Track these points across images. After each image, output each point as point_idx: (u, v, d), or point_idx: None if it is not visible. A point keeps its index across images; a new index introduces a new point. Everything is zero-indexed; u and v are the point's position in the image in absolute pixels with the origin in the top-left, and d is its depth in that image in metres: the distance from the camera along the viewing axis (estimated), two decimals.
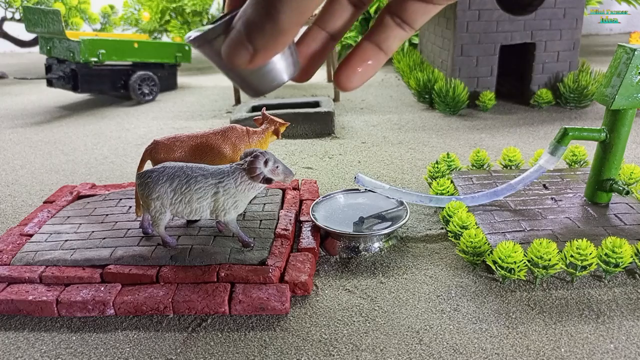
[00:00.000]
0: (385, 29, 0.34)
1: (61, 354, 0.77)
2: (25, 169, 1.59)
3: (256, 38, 0.28)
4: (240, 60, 0.29)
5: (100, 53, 2.31)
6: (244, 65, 0.29)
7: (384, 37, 0.34)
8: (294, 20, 0.28)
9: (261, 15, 0.28)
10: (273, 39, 0.28)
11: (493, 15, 2.00)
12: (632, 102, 0.98)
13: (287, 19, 0.27)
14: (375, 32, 0.34)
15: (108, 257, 0.92)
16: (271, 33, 0.28)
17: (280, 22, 0.28)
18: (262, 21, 0.28)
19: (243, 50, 0.29)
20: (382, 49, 0.34)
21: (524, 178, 1.07)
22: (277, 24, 0.28)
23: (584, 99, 2.00)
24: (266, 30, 0.28)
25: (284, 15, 0.27)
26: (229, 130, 1.04)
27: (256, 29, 0.28)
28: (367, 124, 1.96)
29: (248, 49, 0.29)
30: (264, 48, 0.29)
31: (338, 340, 0.77)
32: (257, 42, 0.28)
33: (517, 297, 0.85)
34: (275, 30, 0.28)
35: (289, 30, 0.28)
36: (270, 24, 0.28)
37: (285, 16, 0.27)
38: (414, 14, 0.33)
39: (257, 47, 0.28)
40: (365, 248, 1.00)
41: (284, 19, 0.27)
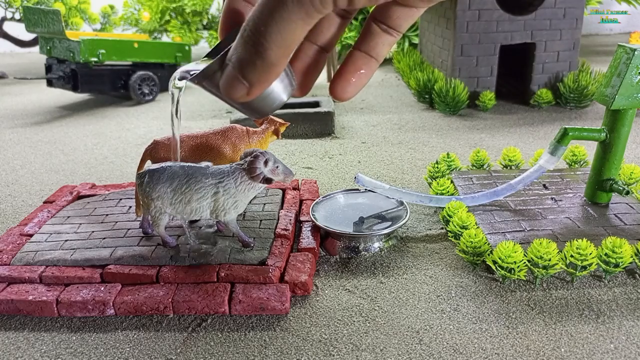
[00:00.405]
0: (373, 37, 0.35)
1: (61, 354, 0.77)
2: (25, 169, 1.59)
3: (249, 74, 0.30)
4: (238, 94, 0.31)
5: (100, 53, 2.31)
6: (243, 98, 0.32)
7: (372, 45, 0.35)
8: (281, 54, 0.30)
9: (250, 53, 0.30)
10: (265, 73, 0.30)
11: (493, 15, 2.00)
12: (632, 102, 0.98)
13: (274, 54, 0.30)
14: (363, 40, 0.36)
15: (108, 257, 0.92)
16: (262, 68, 0.30)
17: (269, 58, 0.30)
18: (252, 58, 0.30)
19: (239, 86, 0.31)
20: (372, 56, 0.35)
21: (524, 178, 1.07)
22: (266, 60, 0.30)
23: (584, 99, 2.00)
24: (257, 66, 0.30)
25: (271, 51, 0.29)
26: (229, 130, 1.04)
27: (248, 66, 0.30)
28: (367, 124, 1.96)
29: (244, 84, 0.31)
30: (258, 82, 0.31)
31: (338, 340, 0.77)
32: (251, 78, 0.31)
33: (517, 297, 0.85)
34: (265, 65, 0.30)
35: (278, 64, 0.30)
36: (260, 60, 0.30)
37: (272, 52, 0.30)
38: (399, 19, 0.34)
39: (252, 82, 0.31)
40: (365, 248, 1.00)
41: (272, 54, 0.30)
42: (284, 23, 0.29)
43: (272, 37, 0.29)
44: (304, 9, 0.29)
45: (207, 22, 3.79)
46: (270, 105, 0.35)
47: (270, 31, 0.29)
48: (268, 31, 0.29)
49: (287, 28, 0.29)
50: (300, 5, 0.29)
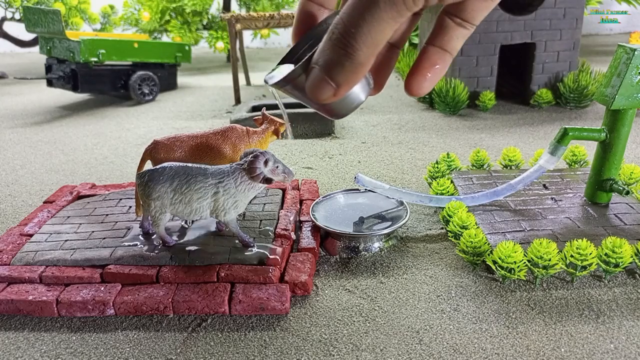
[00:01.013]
0: (448, 31, 0.35)
1: (61, 354, 0.77)
2: (25, 169, 1.59)
3: (337, 75, 0.31)
4: (325, 95, 0.32)
5: (100, 53, 2.31)
6: (329, 99, 0.32)
7: (447, 39, 0.35)
8: (370, 54, 0.30)
9: (339, 54, 0.30)
10: (353, 73, 0.31)
11: (493, 15, 2.00)
12: (632, 102, 0.98)
13: (363, 54, 0.30)
14: (437, 35, 0.35)
15: (108, 257, 0.92)
16: (350, 68, 0.31)
17: (358, 58, 0.30)
18: (340, 60, 0.30)
19: (327, 87, 0.32)
20: (447, 50, 0.35)
21: (524, 178, 1.07)
22: (355, 60, 0.30)
23: (584, 99, 2.00)
24: (345, 67, 0.31)
25: (360, 51, 0.30)
26: (229, 130, 1.04)
27: (336, 67, 0.31)
28: (367, 124, 1.96)
29: (331, 85, 0.31)
30: (345, 82, 0.31)
31: (338, 340, 0.77)
32: (339, 79, 0.31)
33: (517, 297, 0.85)
34: (353, 65, 0.31)
35: (366, 64, 0.31)
36: (349, 61, 0.30)
37: (362, 52, 0.30)
38: (474, 11, 0.34)
39: (340, 83, 0.31)
40: (365, 248, 1.00)
41: (361, 55, 0.30)
42: (375, 23, 0.29)
43: (363, 38, 0.29)
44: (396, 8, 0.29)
45: (207, 22, 3.78)
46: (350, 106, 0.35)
47: (361, 32, 0.29)
48: (359, 32, 0.29)
49: (378, 28, 0.29)
50: (393, 4, 0.29)
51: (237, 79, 2.37)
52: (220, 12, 3.83)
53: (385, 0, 0.29)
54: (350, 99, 0.34)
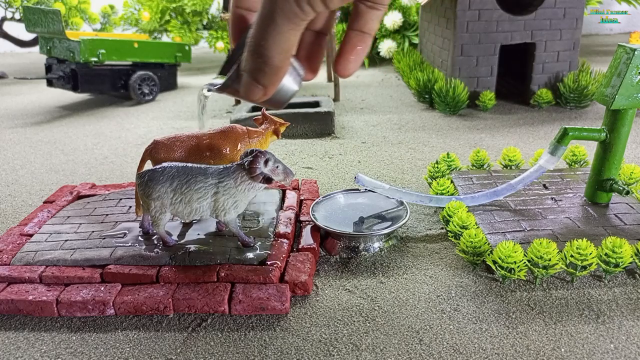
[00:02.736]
0: (363, 14, 0.40)
1: (61, 354, 0.77)
2: (25, 169, 1.59)
3: (262, 79, 0.37)
4: (256, 97, 0.38)
5: (100, 53, 2.31)
6: (262, 99, 0.38)
7: (363, 22, 0.40)
8: (283, 58, 0.36)
9: (258, 62, 0.36)
10: (274, 75, 0.37)
11: (493, 15, 2.00)
12: (632, 102, 0.98)
13: (277, 59, 0.36)
14: (355, 20, 0.40)
15: (108, 257, 0.92)
16: (270, 72, 0.36)
17: (274, 63, 0.36)
18: (260, 67, 0.36)
19: (256, 89, 0.37)
20: (365, 32, 0.40)
21: (524, 178, 1.07)
22: (272, 66, 0.36)
23: (584, 99, 2.00)
24: (266, 72, 0.36)
25: (274, 58, 0.36)
26: (229, 130, 1.04)
27: (259, 73, 0.36)
28: (367, 124, 1.96)
29: (259, 88, 0.37)
30: (270, 83, 0.37)
31: (338, 340, 0.77)
32: (264, 81, 0.37)
33: (517, 297, 0.85)
34: (272, 70, 0.36)
35: (282, 65, 0.36)
36: (268, 67, 0.36)
37: (275, 58, 0.36)
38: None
39: (265, 84, 0.37)
40: (365, 248, 1.00)
41: (275, 60, 0.36)
42: (278, 35, 0.34)
43: (272, 48, 0.35)
44: (291, 21, 0.34)
45: (207, 22, 3.78)
46: (286, 96, 0.41)
47: (269, 44, 0.35)
48: (267, 44, 0.35)
49: (281, 38, 0.35)
50: (287, 19, 0.34)
51: None
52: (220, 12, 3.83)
53: (280, 16, 0.34)
54: (284, 91, 0.40)
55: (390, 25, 3.17)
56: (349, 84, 2.74)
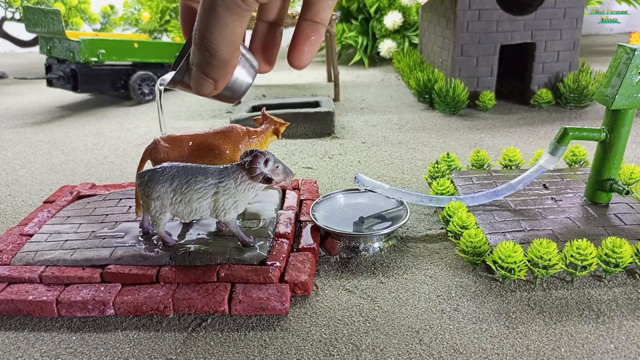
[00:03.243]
0: (314, 4, 0.39)
1: (61, 354, 0.77)
2: (25, 169, 1.59)
3: (210, 72, 0.36)
4: (207, 91, 0.37)
5: (100, 53, 2.31)
6: (213, 93, 0.37)
7: (315, 12, 0.39)
8: (231, 50, 0.35)
9: (205, 56, 0.35)
10: (223, 68, 0.35)
11: (493, 15, 2.00)
12: (632, 102, 0.98)
13: (224, 52, 0.34)
14: (306, 10, 0.39)
15: (108, 257, 0.92)
16: (218, 65, 0.35)
17: (222, 56, 0.35)
18: (208, 60, 0.35)
19: (206, 83, 0.36)
20: (318, 22, 0.39)
21: (524, 178, 1.07)
22: (219, 58, 0.35)
23: (584, 99, 2.00)
24: (215, 65, 0.35)
25: (221, 51, 0.34)
26: (229, 130, 1.04)
27: (207, 66, 0.35)
28: (367, 124, 1.96)
29: (209, 82, 0.36)
30: (220, 77, 0.36)
31: (338, 340, 0.77)
32: (213, 75, 0.36)
33: (517, 297, 0.85)
34: (220, 62, 0.35)
35: (230, 58, 0.35)
36: (215, 60, 0.35)
37: (222, 51, 0.34)
38: None
39: (215, 78, 0.36)
40: (365, 248, 1.00)
41: (223, 53, 0.34)
42: (222, 27, 0.33)
43: (218, 40, 0.34)
44: (234, 12, 0.33)
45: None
46: (239, 90, 0.40)
47: (215, 36, 0.34)
48: (213, 36, 0.34)
49: (226, 30, 0.33)
50: (229, 10, 0.33)
51: None
52: None
53: (222, 7, 0.33)
54: (237, 84, 0.39)
55: (390, 25, 3.17)
56: (349, 84, 2.74)
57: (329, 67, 2.86)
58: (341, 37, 3.35)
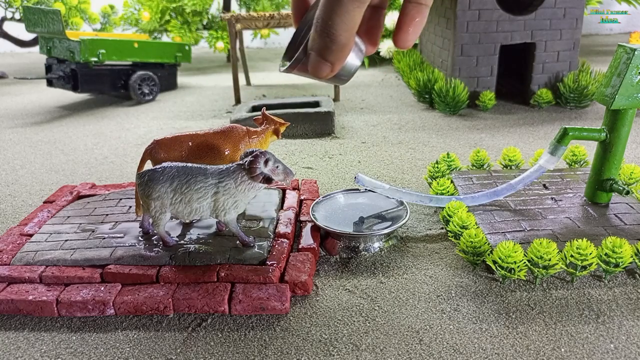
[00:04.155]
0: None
1: (61, 354, 0.77)
2: (25, 169, 1.59)
3: (329, 56, 0.38)
4: (324, 73, 0.40)
5: (100, 53, 2.31)
6: (329, 75, 0.40)
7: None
8: (349, 35, 0.38)
9: (326, 41, 0.38)
10: (340, 52, 0.38)
11: (493, 15, 2.00)
12: (632, 102, 0.98)
13: (343, 37, 0.37)
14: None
15: (108, 257, 0.92)
16: (337, 49, 0.38)
17: (341, 41, 0.38)
18: (328, 45, 0.38)
19: (324, 66, 0.39)
20: (422, 3, 0.41)
21: (524, 178, 1.07)
22: (338, 43, 0.38)
23: (584, 99, 2.00)
24: (333, 50, 0.38)
25: (340, 36, 0.37)
26: (229, 130, 1.04)
27: (327, 51, 0.38)
28: (367, 124, 1.96)
29: (327, 65, 0.39)
30: (337, 60, 0.39)
31: (338, 340, 0.77)
32: (331, 58, 0.39)
33: (517, 297, 0.85)
34: (339, 47, 0.38)
35: (348, 43, 0.38)
36: (335, 45, 0.38)
37: (342, 36, 0.37)
38: None
39: (332, 61, 0.39)
40: (365, 248, 1.00)
41: (342, 38, 0.37)
42: (345, 14, 0.36)
43: (339, 26, 0.37)
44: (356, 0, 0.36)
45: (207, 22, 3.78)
46: (350, 72, 0.42)
47: (336, 22, 0.36)
48: (335, 23, 0.36)
49: (347, 17, 0.36)
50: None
51: (237, 79, 2.37)
52: (220, 12, 3.83)
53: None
54: (348, 67, 0.42)
55: (390, 25, 3.17)
56: (349, 84, 2.74)
57: None
58: None
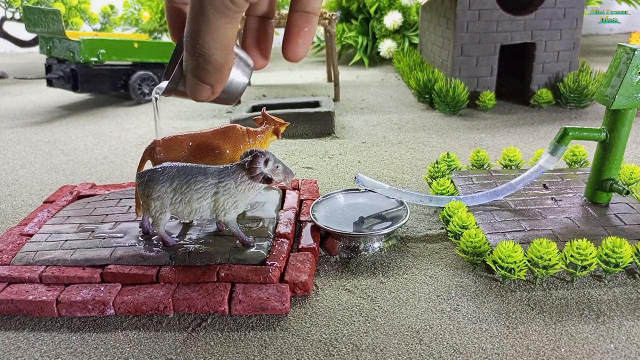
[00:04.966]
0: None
1: (61, 354, 0.77)
2: (25, 169, 1.59)
3: (206, 78, 0.35)
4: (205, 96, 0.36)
5: (100, 53, 2.31)
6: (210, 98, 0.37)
7: (305, 1, 0.38)
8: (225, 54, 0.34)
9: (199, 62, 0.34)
10: (218, 72, 0.35)
11: (493, 15, 2.00)
12: (632, 102, 0.98)
13: (218, 56, 0.34)
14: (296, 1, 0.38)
15: (108, 257, 0.92)
16: (214, 70, 0.34)
17: (216, 60, 0.34)
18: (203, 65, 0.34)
19: (203, 89, 0.36)
20: (309, 12, 0.38)
21: (524, 178, 1.07)
22: (214, 63, 0.34)
23: (584, 99, 2.00)
24: (210, 70, 0.34)
25: (215, 55, 0.33)
26: (229, 130, 1.04)
27: (202, 72, 0.34)
28: (367, 124, 1.96)
29: (206, 87, 0.35)
30: (216, 81, 0.35)
31: (338, 340, 0.77)
32: (209, 80, 0.35)
33: (517, 297, 0.85)
34: (215, 67, 0.34)
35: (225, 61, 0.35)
36: (210, 65, 0.34)
37: (217, 55, 0.34)
38: None
39: (212, 83, 0.36)
40: (365, 248, 1.00)
41: (217, 57, 0.34)
42: (214, 31, 0.32)
43: (211, 45, 0.33)
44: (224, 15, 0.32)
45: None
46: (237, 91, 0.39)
47: (207, 40, 0.33)
48: (205, 41, 0.33)
49: (218, 34, 0.33)
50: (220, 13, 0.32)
51: None
52: None
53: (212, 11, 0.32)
54: (234, 86, 0.38)
55: (390, 25, 3.17)
56: (349, 84, 2.74)
57: (329, 67, 2.86)
58: (341, 37, 3.35)
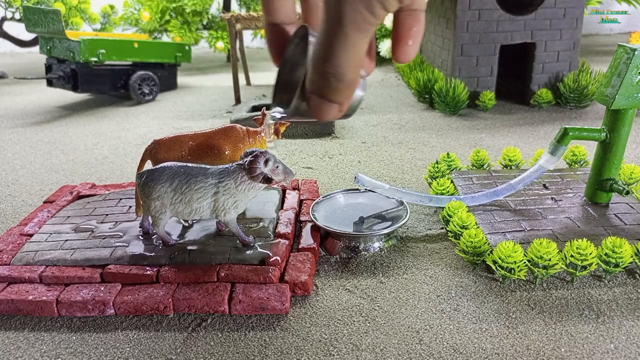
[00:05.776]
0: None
1: (61, 354, 0.77)
2: (25, 169, 1.59)
3: (336, 97, 0.34)
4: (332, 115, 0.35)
5: (100, 53, 2.31)
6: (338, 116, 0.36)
7: None
8: (356, 71, 0.33)
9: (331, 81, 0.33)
10: (348, 90, 0.34)
11: (493, 15, 2.00)
12: (632, 102, 0.98)
13: (351, 74, 0.33)
14: None
15: (108, 257, 0.92)
16: (345, 88, 0.34)
17: (348, 79, 0.33)
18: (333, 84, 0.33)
19: (331, 109, 0.35)
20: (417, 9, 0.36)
21: (524, 178, 1.07)
22: (346, 81, 0.33)
23: (584, 99, 2.00)
24: (341, 89, 0.33)
25: (347, 73, 0.33)
26: (229, 130, 1.04)
27: (333, 91, 0.34)
28: (367, 124, 1.96)
29: (334, 106, 0.34)
30: (345, 99, 0.35)
31: (338, 340, 0.77)
32: (339, 99, 0.34)
33: (517, 297, 0.85)
34: (347, 85, 0.33)
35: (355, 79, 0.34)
36: (342, 84, 0.33)
37: (350, 72, 0.33)
38: None
39: (340, 101, 0.34)
40: (365, 248, 1.00)
41: (349, 75, 0.33)
42: (350, 49, 0.31)
43: (345, 63, 0.32)
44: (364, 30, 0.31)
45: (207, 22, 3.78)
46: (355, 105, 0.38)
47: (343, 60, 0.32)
48: (341, 60, 0.32)
49: (355, 51, 0.32)
50: (359, 29, 0.31)
51: (237, 79, 2.37)
52: (220, 12, 3.83)
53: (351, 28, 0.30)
54: (354, 101, 0.37)
55: (390, 26, 3.17)
56: None
57: None
58: None
